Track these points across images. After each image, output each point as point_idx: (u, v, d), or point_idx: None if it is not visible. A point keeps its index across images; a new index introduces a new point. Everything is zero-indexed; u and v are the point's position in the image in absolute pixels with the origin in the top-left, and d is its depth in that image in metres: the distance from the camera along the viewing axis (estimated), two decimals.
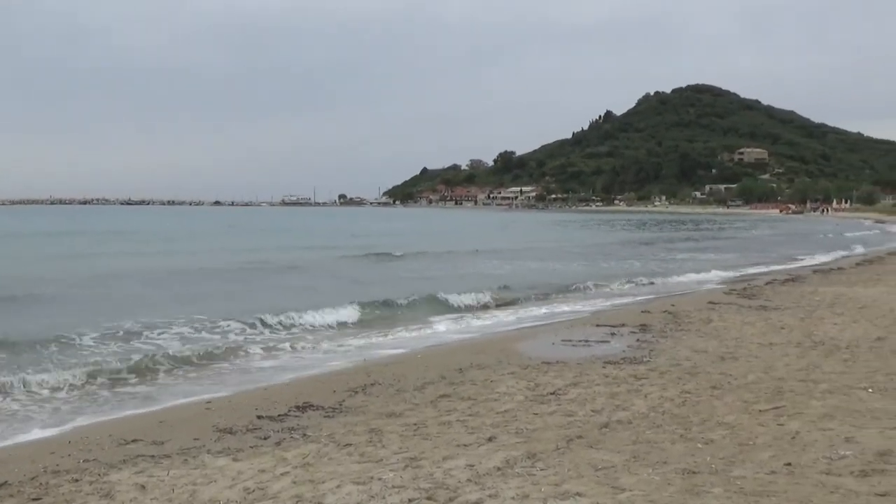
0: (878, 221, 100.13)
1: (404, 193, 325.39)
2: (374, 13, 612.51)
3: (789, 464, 6.62)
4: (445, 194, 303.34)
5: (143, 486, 6.76)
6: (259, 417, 9.18)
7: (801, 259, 37.74)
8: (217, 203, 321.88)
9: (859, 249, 44.67)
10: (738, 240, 61.60)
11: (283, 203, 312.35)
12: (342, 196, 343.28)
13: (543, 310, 19.50)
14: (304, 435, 8.35)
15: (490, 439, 7.76)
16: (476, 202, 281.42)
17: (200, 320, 16.86)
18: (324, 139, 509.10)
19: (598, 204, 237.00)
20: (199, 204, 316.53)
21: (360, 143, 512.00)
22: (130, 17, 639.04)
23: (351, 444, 7.83)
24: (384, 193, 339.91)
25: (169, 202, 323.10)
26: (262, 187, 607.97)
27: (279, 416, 9.25)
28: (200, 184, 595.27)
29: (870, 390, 9.26)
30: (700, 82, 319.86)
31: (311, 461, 7.33)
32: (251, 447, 7.97)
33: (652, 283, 25.98)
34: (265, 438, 8.30)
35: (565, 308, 19.93)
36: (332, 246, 46.69)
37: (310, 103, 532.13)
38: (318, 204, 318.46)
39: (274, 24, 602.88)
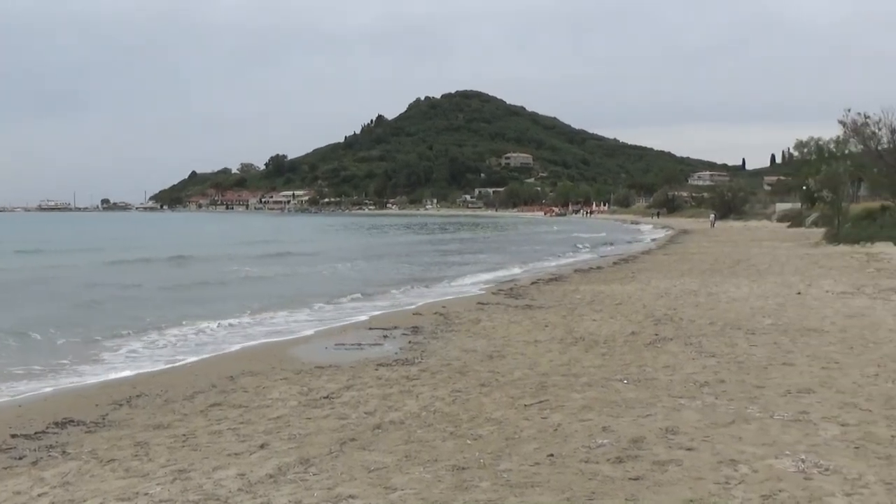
0: (633, 223, 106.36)
1: (172, 198, 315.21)
2: (134, 13, 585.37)
3: (552, 454, 6.92)
4: (216, 198, 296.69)
5: None
6: (13, 436, 8.62)
7: (564, 258, 39.65)
8: None
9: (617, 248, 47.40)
10: (511, 241, 63.77)
11: (41, 208, 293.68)
12: (105, 201, 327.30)
13: (316, 315, 19.39)
14: (64, 452, 7.93)
15: (262, 446, 7.66)
16: (248, 206, 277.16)
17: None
18: (82, 142, 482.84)
19: (371, 207, 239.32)
20: None
21: (122, 145, 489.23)
22: None
23: (115, 460, 7.51)
24: (151, 198, 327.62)
25: None
26: (15, 192, 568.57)
27: (36, 433, 8.73)
28: None
29: (625, 382, 9.84)
30: (468, 88, 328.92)
31: (71, 480, 6.97)
32: (4, 468, 7.50)
33: (425, 286, 26.44)
34: (20, 458, 7.82)
35: (339, 312, 19.93)
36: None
37: (66, 105, 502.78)
38: (78, 209, 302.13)
39: (22, 23, 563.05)
